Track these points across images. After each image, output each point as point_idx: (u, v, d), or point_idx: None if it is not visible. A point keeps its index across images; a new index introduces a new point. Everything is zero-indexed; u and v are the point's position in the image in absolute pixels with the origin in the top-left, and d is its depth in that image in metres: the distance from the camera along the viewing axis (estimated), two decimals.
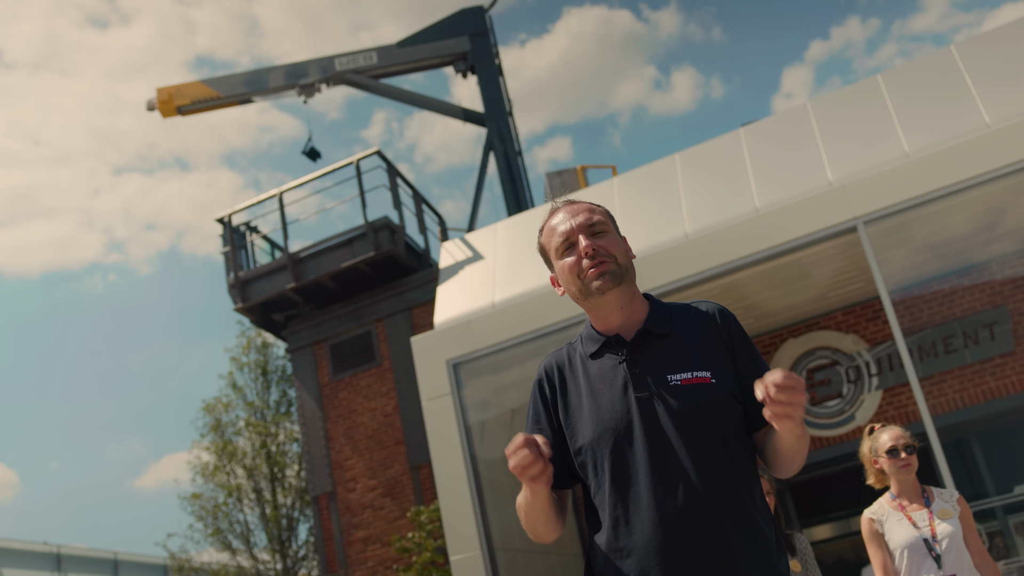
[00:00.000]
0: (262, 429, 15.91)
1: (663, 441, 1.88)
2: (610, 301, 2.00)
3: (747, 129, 8.63)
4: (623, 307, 2.02)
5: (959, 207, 7.47)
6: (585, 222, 2.02)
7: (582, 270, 1.99)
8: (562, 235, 2.04)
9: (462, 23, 14.83)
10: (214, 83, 14.96)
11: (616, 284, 1.98)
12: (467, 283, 9.30)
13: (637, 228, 8.40)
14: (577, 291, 2.03)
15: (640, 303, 2.06)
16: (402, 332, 12.11)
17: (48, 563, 23.51)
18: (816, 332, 10.08)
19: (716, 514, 1.85)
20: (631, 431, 1.91)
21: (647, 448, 1.88)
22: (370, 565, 11.70)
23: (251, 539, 15.82)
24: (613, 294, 1.99)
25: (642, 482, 1.88)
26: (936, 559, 3.72)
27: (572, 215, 2.05)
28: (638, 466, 1.89)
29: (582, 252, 1.99)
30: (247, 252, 13.36)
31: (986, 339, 9.36)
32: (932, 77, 7.87)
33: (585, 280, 1.99)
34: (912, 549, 3.77)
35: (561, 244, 2.04)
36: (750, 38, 45.01)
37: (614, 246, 2.01)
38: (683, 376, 1.93)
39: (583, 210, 2.06)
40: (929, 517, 3.84)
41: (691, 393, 1.91)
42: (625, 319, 2.03)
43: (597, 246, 1.99)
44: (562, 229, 2.04)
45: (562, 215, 2.07)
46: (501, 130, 14.49)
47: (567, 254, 2.03)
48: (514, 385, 9.08)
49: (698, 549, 1.83)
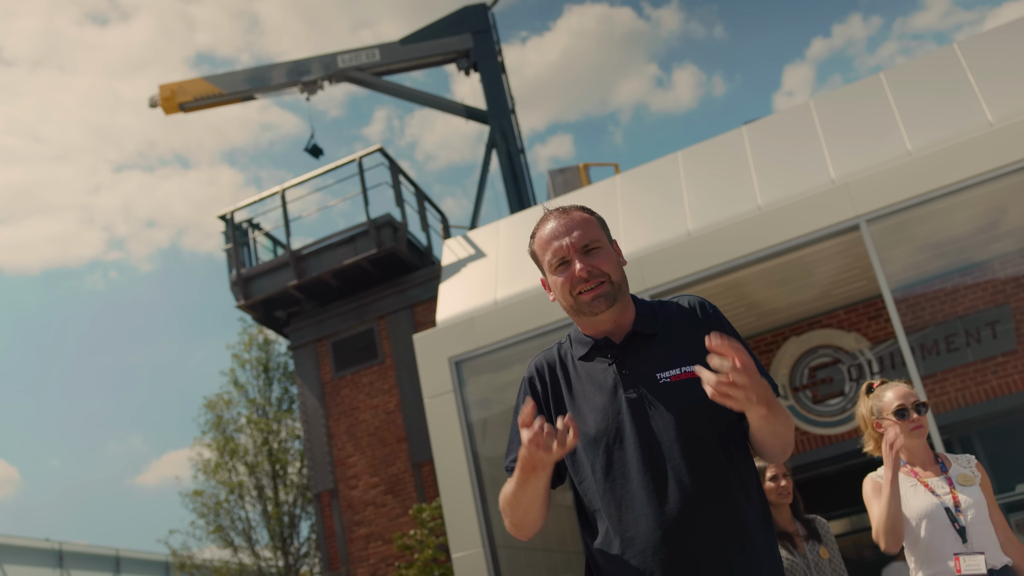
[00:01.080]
0: (264, 426, 15.91)
1: (654, 440, 1.89)
2: (603, 319, 2.02)
3: (750, 127, 8.62)
4: (615, 319, 2.04)
5: (962, 205, 7.46)
6: (579, 241, 2.01)
7: (575, 289, 2.00)
8: (555, 252, 2.03)
9: (465, 20, 14.83)
10: (216, 80, 14.97)
11: (610, 305, 2.00)
12: (469, 280, 9.30)
13: (639, 226, 8.40)
14: (569, 307, 2.04)
15: (628, 307, 2.07)
16: (404, 329, 12.12)
17: (50, 560, 23.55)
18: (818, 330, 10.08)
19: (709, 510, 1.86)
20: (622, 431, 1.92)
21: (639, 447, 1.89)
22: (372, 562, 11.72)
23: (253, 536, 15.83)
24: (607, 313, 2.01)
25: (635, 481, 1.88)
26: (960, 532, 3.14)
27: (567, 230, 2.03)
28: (630, 465, 1.90)
29: (577, 275, 1.99)
30: (249, 249, 13.37)
31: (988, 337, 9.36)
32: (935, 75, 7.86)
33: (579, 301, 2.01)
34: (931, 519, 3.17)
35: (553, 260, 2.04)
36: (752, 35, 44.97)
37: (607, 263, 2.01)
38: (672, 373, 1.94)
39: (577, 224, 2.04)
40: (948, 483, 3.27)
41: (680, 390, 1.92)
42: (615, 325, 2.05)
43: (591, 267, 1.99)
44: (555, 245, 2.03)
45: (554, 226, 2.05)
46: (504, 127, 14.49)
47: (560, 271, 2.03)
48: (516, 383, 9.04)
49: (693, 545, 1.83)
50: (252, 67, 15.17)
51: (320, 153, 15.69)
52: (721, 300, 8.70)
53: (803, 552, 3.92)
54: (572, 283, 2.00)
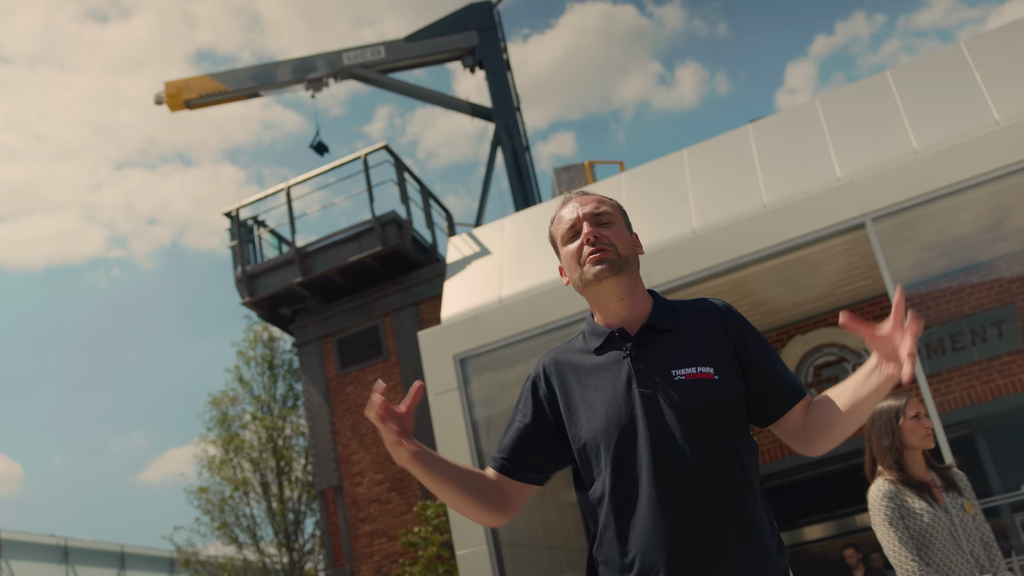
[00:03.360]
0: (269, 423, 15.94)
1: (666, 437, 1.88)
2: (607, 290, 2.00)
3: (755, 125, 8.62)
4: (623, 298, 2.02)
5: (968, 204, 7.44)
6: (592, 211, 2.04)
7: (582, 256, 2.01)
8: (568, 222, 2.06)
9: (470, 18, 14.83)
10: (222, 77, 15.00)
11: (613, 273, 1.98)
12: (474, 278, 9.30)
13: (644, 224, 8.40)
14: (577, 278, 2.04)
15: (643, 298, 2.06)
16: (409, 327, 12.13)
17: (56, 555, 23.60)
18: (823, 329, 10.07)
19: (719, 511, 1.85)
20: (634, 427, 1.90)
21: (650, 444, 1.88)
22: (376, 559, 11.73)
23: (257, 533, 15.86)
24: (610, 282, 1.99)
25: (645, 478, 1.87)
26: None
27: (581, 204, 2.07)
28: (641, 461, 1.88)
29: (584, 239, 2.00)
30: (254, 246, 13.40)
31: (994, 337, 9.35)
32: (941, 73, 7.85)
33: (584, 269, 2.00)
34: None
35: (567, 231, 2.06)
36: (755, 32, 44.83)
37: (617, 236, 2.02)
38: (687, 371, 1.92)
39: (592, 200, 2.08)
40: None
41: (694, 388, 1.91)
42: (628, 313, 2.02)
43: (599, 234, 2.00)
44: (569, 217, 2.07)
45: (572, 204, 2.10)
46: (509, 125, 14.50)
47: (571, 241, 2.05)
48: (521, 380, 9.05)
49: (701, 545, 1.83)
50: (258, 64, 15.20)
51: (325, 150, 15.71)
52: (726, 298, 8.69)
53: (944, 505, 3.41)
54: (580, 249, 2.01)
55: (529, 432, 2.07)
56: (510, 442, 2.10)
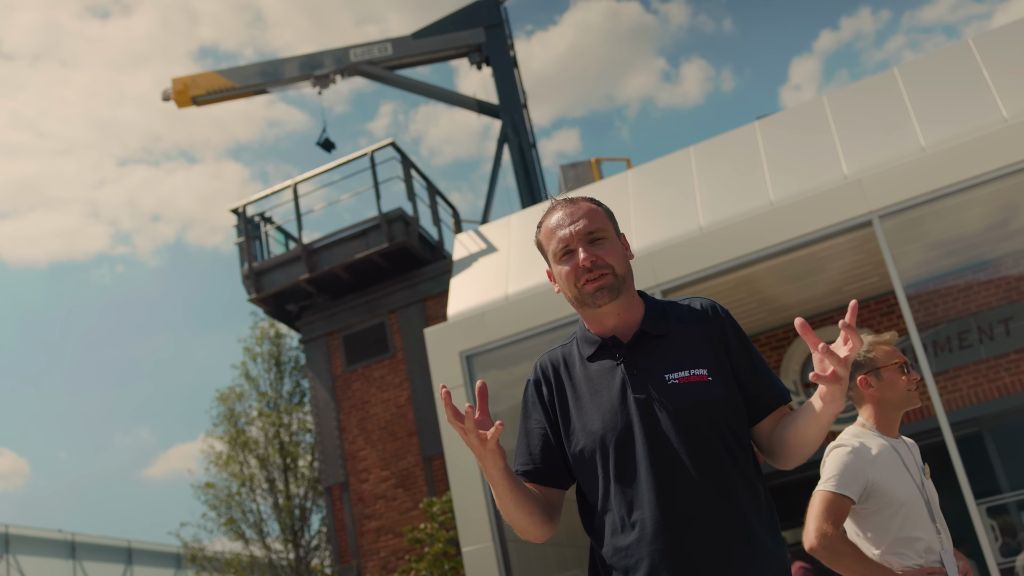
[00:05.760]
0: (275, 419, 15.98)
1: (663, 441, 1.88)
2: (606, 311, 2.00)
3: (762, 122, 8.60)
4: (619, 314, 2.02)
5: (975, 201, 7.43)
6: (584, 229, 1.99)
7: (579, 280, 1.99)
8: (560, 241, 2.01)
9: (477, 15, 14.84)
10: (229, 74, 15.02)
11: (613, 297, 1.98)
12: (480, 275, 9.31)
13: (651, 221, 8.39)
14: (573, 298, 2.03)
15: (636, 304, 2.05)
16: (415, 323, 12.14)
17: (63, 551, 23.69)
18: (830, 327, 10.04)
19: (717, 513, 1.85)
20: (631, 432, 1.91)
21: (647, 449, 1.88)
22: (382, 556, 11.75)
23: (264, 529, 15.90)
24: (610, 306, 1.99)
25: (643, 482, 1.88)
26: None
27: (572, 219, 2.02)
28: (639, 467, 1.89)
29: (580, 264, 1.97)
30: (261, 243, 13.42)
31: (1001, 335, 9.32)
32: (949, 70, 7.82)
33: (582, 291, 1.99)
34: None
35: (559, 249, 2.02)
36: (761, 28, 44.72)
37: (612, 254, 1.99)
38: (680, 375, 1.93)
39: (583, 214, 2.02)
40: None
41: (689, 391, 1.91)
42: (621, 321, 2.02)
43: (596, 256, 1.97)
44: (560, 235, 2.02)
45: (561, 216, 2.04)
46: (515, 122, 14.50)
47: (564, 261, 2.01)
48: (526, 377, 9.08)
49: (700, 548, 1.83)
50: (264, 61, 15.22)
51: (332, 147, 15.74)
52: (733, 296, 8.69)
53: None
54: (576, 273, 1.98)
55: (551, 436, 2.05)
56: (539, 451, 2.06)
